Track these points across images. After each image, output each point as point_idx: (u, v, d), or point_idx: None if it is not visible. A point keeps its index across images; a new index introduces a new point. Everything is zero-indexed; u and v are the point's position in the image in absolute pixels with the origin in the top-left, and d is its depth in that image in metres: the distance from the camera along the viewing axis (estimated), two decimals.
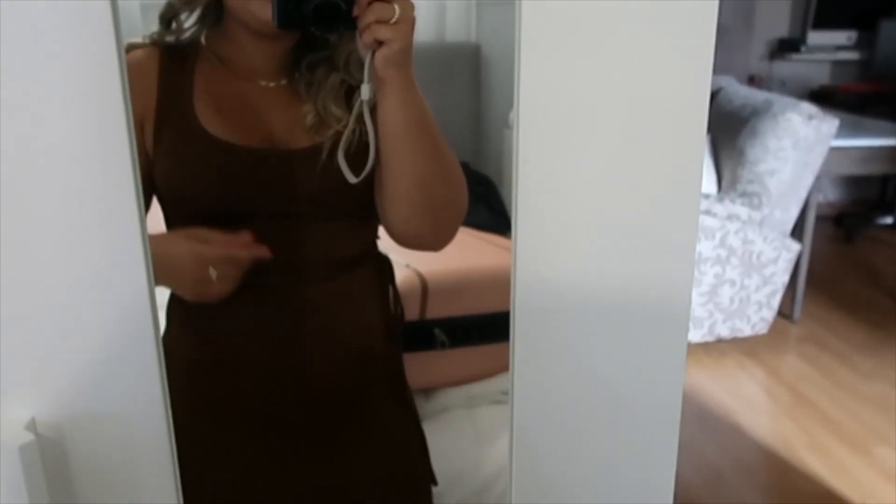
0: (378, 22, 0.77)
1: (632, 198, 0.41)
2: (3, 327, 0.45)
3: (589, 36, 0.39)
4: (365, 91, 0.82)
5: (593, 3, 0.38)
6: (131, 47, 0.91)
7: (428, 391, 1.80)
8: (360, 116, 0.85)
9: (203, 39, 0.91)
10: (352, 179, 0.86)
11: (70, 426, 0.47)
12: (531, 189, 0.41)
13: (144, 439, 0.49)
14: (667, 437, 0.44)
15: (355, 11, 0.79)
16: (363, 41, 0.79)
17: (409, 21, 0.79)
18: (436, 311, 1.60)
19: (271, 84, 0.92)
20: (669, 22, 0.39)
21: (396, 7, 0.77)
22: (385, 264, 1.02)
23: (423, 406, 1.60)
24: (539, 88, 0.39)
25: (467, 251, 1.77)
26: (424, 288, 1.60)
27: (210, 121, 0.88)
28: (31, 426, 0.46)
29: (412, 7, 0.79)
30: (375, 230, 0.99)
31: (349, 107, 0.89)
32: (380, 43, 0.78)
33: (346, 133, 0.86)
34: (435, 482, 1.09)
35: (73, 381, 0.46)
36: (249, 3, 0.85)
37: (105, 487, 0.49)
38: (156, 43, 0.90)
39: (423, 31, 0.84)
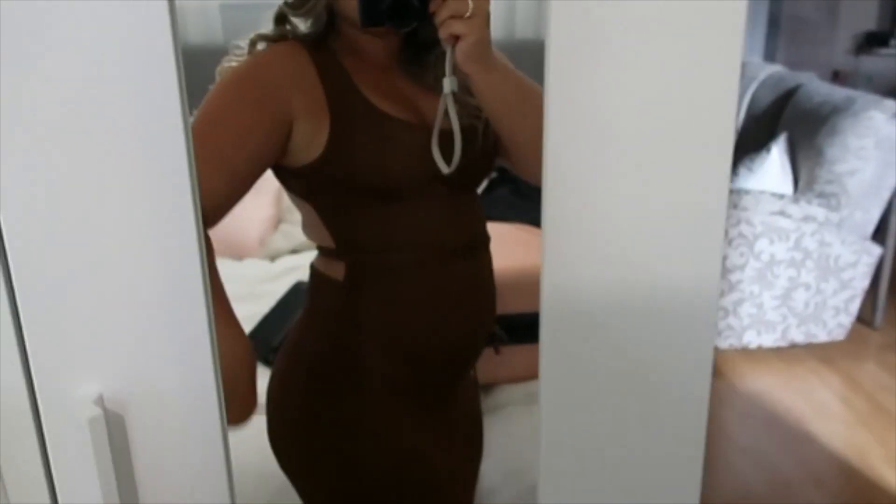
0: (453, 17, 0.82)
1: (658, 203, 0.42)
2: (75, 312, 0.48)
3: (617, 41, 0.40)
4: (447, 84, 0.87)
5: (622, 6, 0.39)
6: (261, 38, 0.95)
7: (487, 387, 1.82)
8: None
9: (329, 40, 0.96)
10: (445, 170, 0.90)
11: (132, 402, 0.51)
12: (559, 193, 0.42)
13: (197, 417, 0.52)
14: (694, 438, 0.44)
15: (431, 7, 0.84)
16: (441, 36, 0.85)
17: (482, 15, 0.84)
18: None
19: (401, 73, 0.98)
20: (697, 27, 0.40)
21: (470, 2, 0.82)
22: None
23: (482, 402, 1.62)
24: (567, 92, 0.40)
25: (528, 248, 1.78)
26: None
27: (382, 104, 0.93)
28: (99, 401, 0.50)
29: (487, 2, 0.84)
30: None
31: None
32: (456, 38, 0.83)
33: (437, 123, 0.90)
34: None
35: (135, 360, 0.50)
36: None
37: (160, 460, 0.53)
38: (295, 40, 0.94)
39: (493, 28, 0.88)
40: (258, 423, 1.64)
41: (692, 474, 0.45)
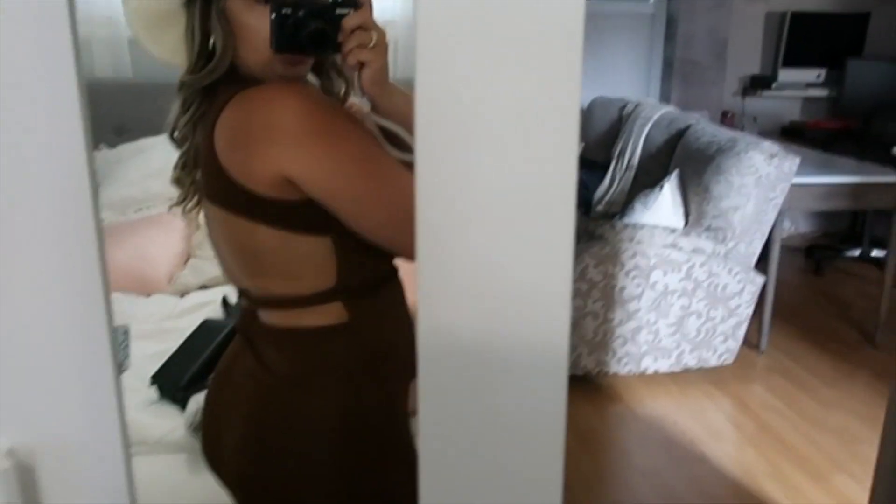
0: (360, 46, 0.93)
1: (508, 249, 0.48)
2: None
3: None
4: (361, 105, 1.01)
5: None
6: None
7: None
8: None
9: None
10: None
11: (42, 453, 0.53)
12: (429, 238, 0.48)
13: (103, 466, 0.56)
14: (552, 468, 0.51)
15: (340, 38, 0.94)
16: (347, 63, 0.95)
17: (384, 45, 0.95)
18: None
19: None
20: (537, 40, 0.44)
21: (374, 34, 0.93)
22: None
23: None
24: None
25: None
26: None
27: None
28: (9, 454, 0.52)
29: (385, 34, 0.95)
30: None
31: None
32: (361, 65, 0.94)
33: None
34: None
35: (42, 411, 0.52)
36: (275, 67, 0.97)
37: None
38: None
39: None
40: (161, 465, 1.62)
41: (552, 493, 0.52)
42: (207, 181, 0.99)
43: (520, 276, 0.49)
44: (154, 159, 2.84)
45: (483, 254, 0.49)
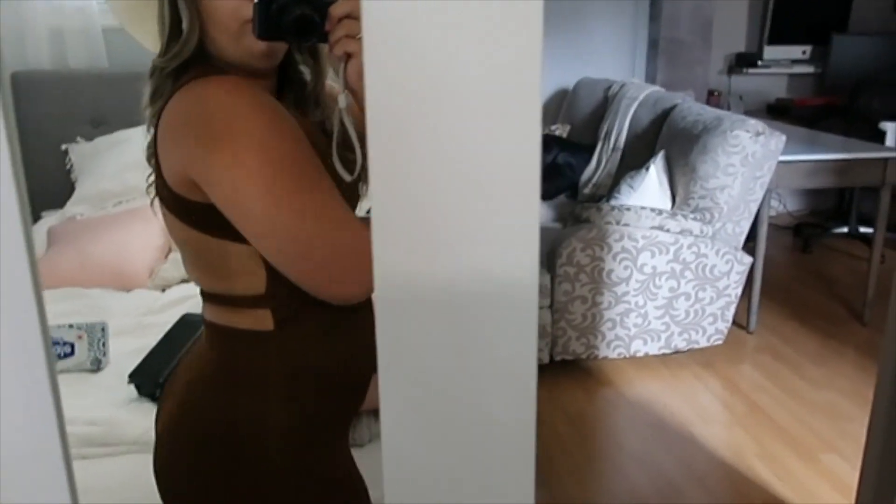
0: (347, 36, 0.87)
1: (471, 188, 0.45)
2: None
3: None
4: (342, 100, 0.91)
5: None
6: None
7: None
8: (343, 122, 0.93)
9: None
10: (347, 178, 0.93)
11: None
12: (384, 181, 0.45)
13: (43, 482, 0.53)
14: (523, 429, 0.48)
15: (327, 26, 0.88)
16: (334, 53, 0.89)
17: None
18: None
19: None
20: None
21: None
22: None
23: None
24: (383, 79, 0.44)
25: None
26: None
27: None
28: None
29: None
30: None
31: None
32: (349, 56, 0.88)
33: (335, 138, 0.94)
34: None
35: None
36: (244, 43, 0.91)
37: None
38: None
39: None
40: (139, 464, 1.58)
41: (524, 468, 0.49)
42: (154, 170, 0.97)
43: (485, 206, 0.46)
44: (132, 151, 2.79)
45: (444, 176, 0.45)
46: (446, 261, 0.45)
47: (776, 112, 4.46)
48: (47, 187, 3.08)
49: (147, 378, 1.73)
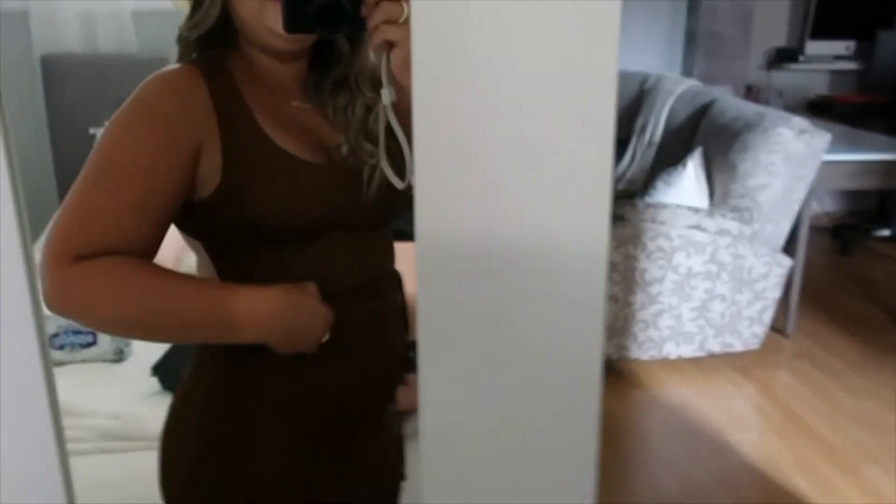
0: (387, 22, 0.76)
1: (541, 149, 0.40)
2: None
3: None
4: (385, 96, 0.79)
5: None
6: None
7: (407, 414, 1.79)
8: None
9: (228, 62, 0.90)
10: (399, 185, 0.84)
11: None
12: (429, 146, 0.40)
13: None
14: (587, 410, 0.43)
15: (364, 11, 0.78)
16: (373, 42, 0.78)
17: None
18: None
19: (305, 104, 0.93)
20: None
21: (405, 6, 0.75)
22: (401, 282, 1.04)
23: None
24: (435, 39, 0.39)
25: None
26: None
27: (280, 138, 0.87)
28: None
29: None
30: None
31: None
32: (391, 45, 0.76)
33: (381, 141, 0.84)
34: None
35: None
36: (263, 19, 0.84)
37: None
38: (191, 63, 0.88)
39: None
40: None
41: (588, 441, 0.45)
42: None
43: (554, 170, 0.42)
44: None
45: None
46: (518, 225, 0.41)
47: (817, 109, 4.32)
48: (75, 172, 3.06)
49: (170, 372, 1.69)
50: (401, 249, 1.03)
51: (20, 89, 3.08)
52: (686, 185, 2.86)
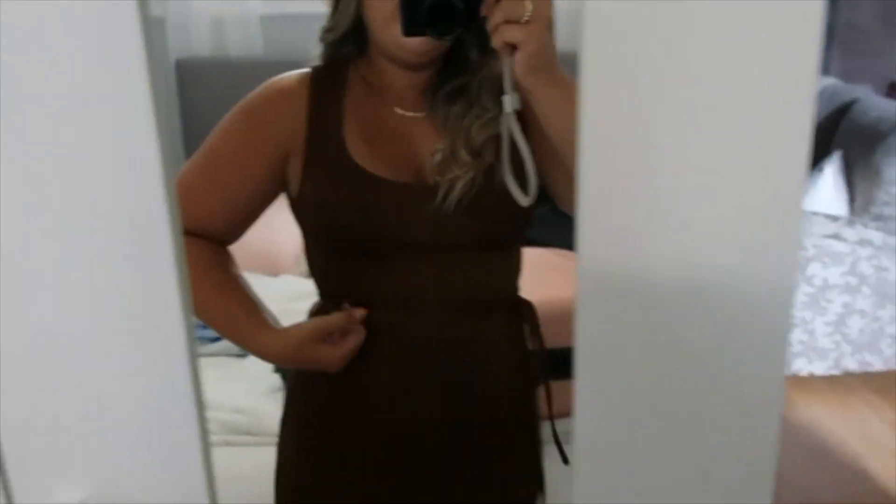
0: (507, 22, 0.71)
1: (727, 173, 0.36)
2: (54, 412, 0.44)
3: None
4: (507, 103, 0.76)
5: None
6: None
7: None
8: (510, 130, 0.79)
9: (353, 67, 0.93)
10: (523, 201, 0.80)
11: None
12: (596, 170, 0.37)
13: None
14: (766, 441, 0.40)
15: (483, 11, 0.74)
16: (494, 44, 0.74)
17: (542, 20, 0.71)
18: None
19: (416, 114, 0.92)
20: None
21: (528, 4, 0.70)
22: (525, 309, 0.99)
23: None
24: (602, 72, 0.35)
25: (566, 277, 1.71)
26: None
27: (361, 153, 0.88)
28: None
29: (549, 5, 0.72)
30: (517, 269, 0.97)
31: (481, 152, 0.87)
32: (513, 47, 0.72)
33: (505, 153, 0.80)
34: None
35: (119, 467, 0.46)
36: (395, 32, 0.83)
37: None
38: (309, 70, 0.93)
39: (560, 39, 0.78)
40: None
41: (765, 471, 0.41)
42: None
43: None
44: None
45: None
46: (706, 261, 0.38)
47: None
48: None
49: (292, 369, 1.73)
50: (529, 256, 1.00)
51: (159, 94, 3.27)
52: (823, 192, 2.69)
